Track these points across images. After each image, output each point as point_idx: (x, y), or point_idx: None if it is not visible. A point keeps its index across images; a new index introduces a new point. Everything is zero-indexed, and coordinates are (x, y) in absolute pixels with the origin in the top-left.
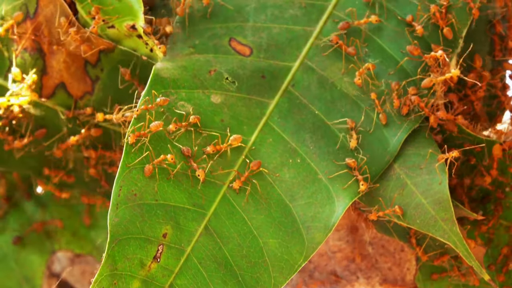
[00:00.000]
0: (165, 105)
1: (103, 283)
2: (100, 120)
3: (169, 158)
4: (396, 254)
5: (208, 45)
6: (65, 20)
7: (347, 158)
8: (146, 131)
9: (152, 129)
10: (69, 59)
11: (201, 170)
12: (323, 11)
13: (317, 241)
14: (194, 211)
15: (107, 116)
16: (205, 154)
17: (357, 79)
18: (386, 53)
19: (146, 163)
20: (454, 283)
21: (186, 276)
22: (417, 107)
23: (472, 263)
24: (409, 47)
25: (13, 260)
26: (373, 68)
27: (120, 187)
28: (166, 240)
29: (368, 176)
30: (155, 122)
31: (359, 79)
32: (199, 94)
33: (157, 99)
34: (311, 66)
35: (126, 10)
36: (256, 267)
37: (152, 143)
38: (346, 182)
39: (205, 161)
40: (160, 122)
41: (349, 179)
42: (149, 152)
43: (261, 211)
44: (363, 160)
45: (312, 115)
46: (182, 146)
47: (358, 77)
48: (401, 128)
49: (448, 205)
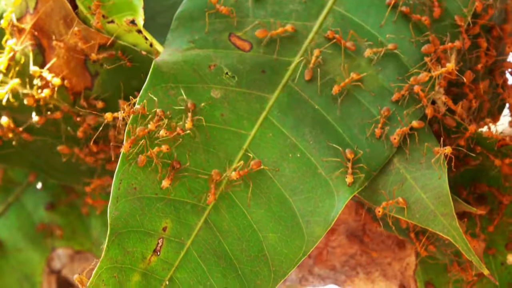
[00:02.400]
0: (166, 100)
1: (103, 276)
2: (109, 119)
3: (164, 148)
4: (395, 249)
5: (208, 40)
6: (78, 30)
7: (346, 150)
8: (140, 131)
9: (139, 134)
10: (69, 55)
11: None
12: (323, 6)
13: (317, 235)
14: (194, 204)
15: (115, 114)
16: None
17: (336, 89)
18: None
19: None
20: (454, 278)
21: (186, 270)
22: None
23: (471, 257)
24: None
25: (13, 257)
26: (357, 77)
27: (120, 181)
28: (166, 233)
29: (361, 176)
30: (140, 127)
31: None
32: (199, 89)
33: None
34: (311, 61)
35: (126, 5)
36: (256, 261)
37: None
38: (345, 176)
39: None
40: (143, 128)
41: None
42: (144, 143)
43: (261, 205)
44: (360, 153)
45: (312, 110)
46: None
47: (339, 89)
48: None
49: (447, 199)
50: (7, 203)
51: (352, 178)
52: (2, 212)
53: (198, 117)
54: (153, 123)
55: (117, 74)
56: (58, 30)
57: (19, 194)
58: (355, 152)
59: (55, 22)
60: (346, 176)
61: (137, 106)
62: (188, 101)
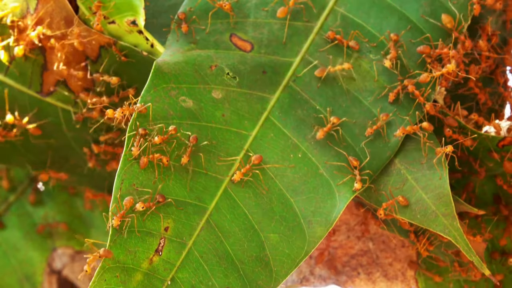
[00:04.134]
0: (167, 101)
1: (105, 275)
2: (110, 116)
3: (164, 160)
4: (397, 249)
5: (209, 40)
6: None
7: (350, 157)
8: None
9: (134, 153)
10: (70, 55)
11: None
12: (324, 7)
13: (318, 236)
14: (195, 205)
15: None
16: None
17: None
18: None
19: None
20: (455, 278)
21: (187, 270)
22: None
23: (472, 258)
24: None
25: (14, 257)
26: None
27: (122, 181)
28: (168, 233)
29: (367, 178)
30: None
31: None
32: (200, 89)
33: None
34: (312, 61)
35: (127, 5)
36: (257, 261)
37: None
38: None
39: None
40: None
41: (349, 174)
42: (148, 145)
43: (263, 205)
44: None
45: (313, 110)
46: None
47: (323, 132)
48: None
49: (448, 200)
50: (8, 202)
51: (361, 185)
52: (3, 211)
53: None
54: (159, 137)
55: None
56: (59, 31)
57: (20, 194)
58: (360, 159)
59: (56, 23)
60: (355, 182)
61: (138, 105)
62: (190, 102)
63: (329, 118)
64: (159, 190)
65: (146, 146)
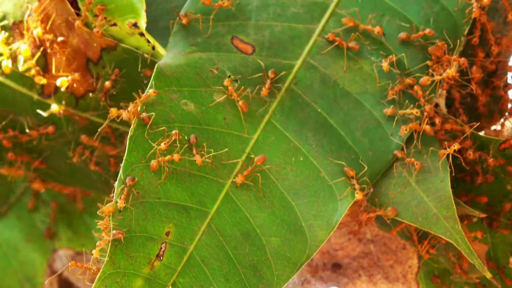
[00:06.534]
0: (168, 104)
1: (106, 281)
2: (113, 115)
3: (176, 158)
4: (398, 252)
5: (210, 43)
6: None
7: (345, 168)
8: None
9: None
10: (71, 57)
11: (198, 156)
12: (325, 9)
13: (320, 239)
14: (196, 209)
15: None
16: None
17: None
18: (384, 46)
19: (148, 161)
20: (456, 280)
21: (189, 274)
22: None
23: (474, 261)
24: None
25: (14, 259)
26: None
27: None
28: (169, 238)
29: (365, 187)
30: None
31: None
32: (202, 92)
33: (149, 91)
34: (314, 64)
35: (128, 8)
36: (259, 265)
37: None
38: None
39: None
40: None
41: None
42: (156, 149)
43: (264, 209)
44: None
45: (314, 113)
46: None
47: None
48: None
49: (450, 202)
50: (8, 204)
51: (362, 195)
52: (3, 213)
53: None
54: (166, 143)
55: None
56: (60, 33)
57: (21, 195)
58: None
59: (57, 25)
60: (356, 193)
61: (144, 114)
62: (191, 105)
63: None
64: (160, 194)
65: (154, 151)
